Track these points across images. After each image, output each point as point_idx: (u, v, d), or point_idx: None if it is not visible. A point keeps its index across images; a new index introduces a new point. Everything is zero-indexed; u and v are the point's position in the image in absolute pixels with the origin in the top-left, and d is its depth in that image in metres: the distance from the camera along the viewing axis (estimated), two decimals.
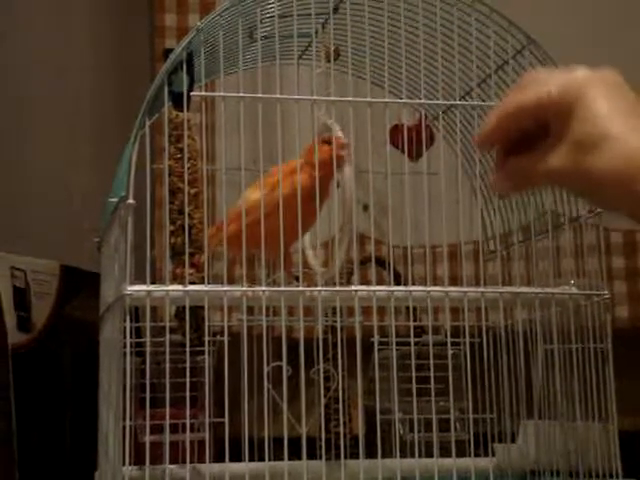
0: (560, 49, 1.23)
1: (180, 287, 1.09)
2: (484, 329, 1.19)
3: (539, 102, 0.59)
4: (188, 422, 1.08)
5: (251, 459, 1.11)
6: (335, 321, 1.33)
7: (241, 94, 1.12)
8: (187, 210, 1.17)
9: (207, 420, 1.15)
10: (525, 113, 0.60)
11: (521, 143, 0.61)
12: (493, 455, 1.25)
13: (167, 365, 1.06)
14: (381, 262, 1.52)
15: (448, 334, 1.19)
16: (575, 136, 0.57)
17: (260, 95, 1.12)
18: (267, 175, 1.15)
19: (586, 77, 0.59)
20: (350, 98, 1.15)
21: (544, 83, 0.59)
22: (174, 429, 1.11)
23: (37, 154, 1.72)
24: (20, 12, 1.70)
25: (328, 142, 1.15)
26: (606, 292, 1.19)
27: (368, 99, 1.15)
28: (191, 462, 1.10)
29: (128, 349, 1.05)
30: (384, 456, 1.10)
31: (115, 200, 1.09)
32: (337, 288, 1.13)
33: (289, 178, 1.12)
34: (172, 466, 1.08)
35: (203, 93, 1.14)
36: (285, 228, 1.08)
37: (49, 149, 1.75)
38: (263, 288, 1.10)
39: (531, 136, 0.61)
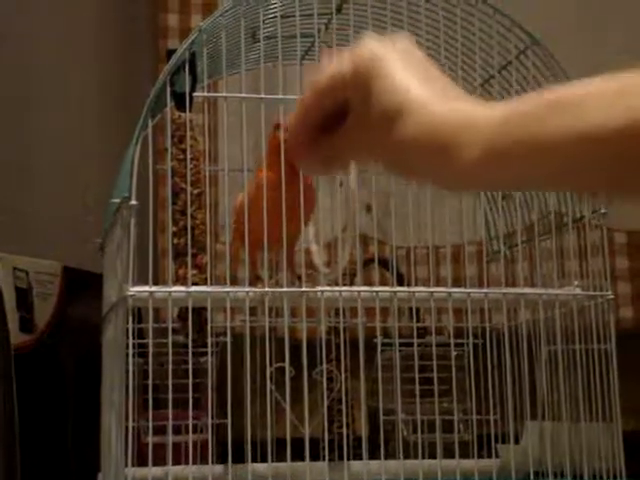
0: (562, 49, 1.23)
1: (183, 288, 1.09)
2: (487, 330, 1.19)
3: (335, 83, 0.57)
4: (191, 423, 1.08)
5: (254, 460, 1.11)
6: (338, 322, 1.33)
7: (243, 95, 1.11)
8: (190, 211, 1.16)
9: (210, 421, 1.15)
10: (323, 97, 0.58)
11: (321, 125, 0.60)
12: (497, 456, 1.25)
13: (170, 366, 1.06)
14: (384, 263, 1.52)
15: (451, 335, 1.19)
16: (377, 109, 0.55)
17: (263, 96, 1.11)
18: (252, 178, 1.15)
19: (377, 49, 0.57)
20: None
21: (337, 64, 0.58)
22: (177, 430, 1.10)
23: (40, 155, 1.72)
24: (24, 12, 1.70)
25: (277, 127, 1.13)
26: (610, 293, 1.19)
27: None
28: (194, 463, 1.10)
29: (131, 350, 1.04)
30: (387, 457, 1.10)
31: (117, 201, 1.09)
32: (340, 289, 1.12)
33: (260, 174, 1.11)
34: (175, 467, 1.07)
35: (206, 94, 1.14)
36: (267, 224, 1.07)
37: (52, 150, 1.75)
38: (266, 289, 1.10)
39: (332, 115, 0.59)
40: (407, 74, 0.56)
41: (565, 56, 1.21)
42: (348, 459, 1.11)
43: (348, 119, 0.58)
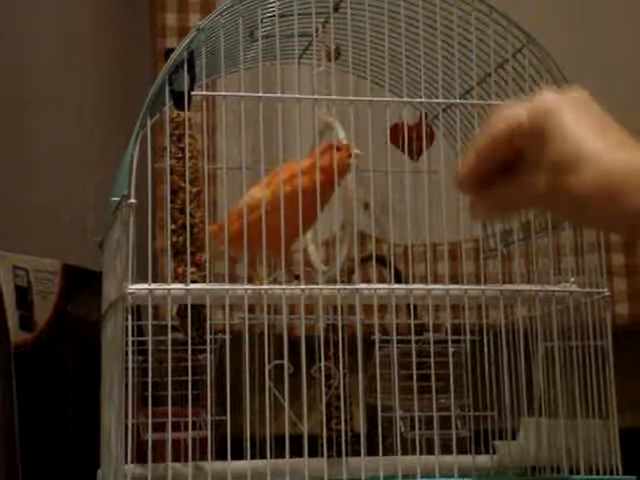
0: (560, 47, 1.24)
1: (182, 286, 1.10)
2: (485, 327, 1.20)
3: (511, 130, 0.60)
4: (190, 420, 1.09)
5: (253, 457, 1.12)
6: (336, 319, 1.33)
7: (242, 93, 1.12)
8: (188, 209, 1.17)
9: (209, 418, 1.15)
10: (499, 144, 0.60)
11: (494, 172, 0.62)
12: (494, 452, 1.25)
13: (169, 363, 1.07)
14: (382, 260, 1.52)
15: (449, 332, 1.19)
16: (552, 158, 0.58)
17: (261, 94, 1.12)
18: (272, 174, 1.16)
19: (554, 99, 0.59)
20: (351, 97, 1.16)
21: (514, 112, 0.60)
22: (176, 427, 1.11)
23: (39, 154, 1.72)
24: (21, 11, 1.70)
25: (336, 148, 1.15)
26: (606, 289, 1.19)
27: (368, 98, 1.16)
28: (193, 460, 1.10)
29: (130, 348, 1.05)
30: (385, 453, 1.10)
31: (117, 199, 1.09)
32: (338, 286, 1.13)
33: (293, 179, 1.12)
34: (174, 464, 1.08)
35: (204, 92, 1.15)
36: (285, 226, 1.08)
37: (51, 149, 1.75)
38: (265, 286, 1.10)
39: (505, 165, 0.61)
40: (583, 124, 0.58)
41: (561, 54, 1.21)
42: (346, 455, 1.12)
43: (521, 168, 0.60)
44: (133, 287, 1.06)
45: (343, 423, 1.40)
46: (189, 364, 1.08)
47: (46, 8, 1.77)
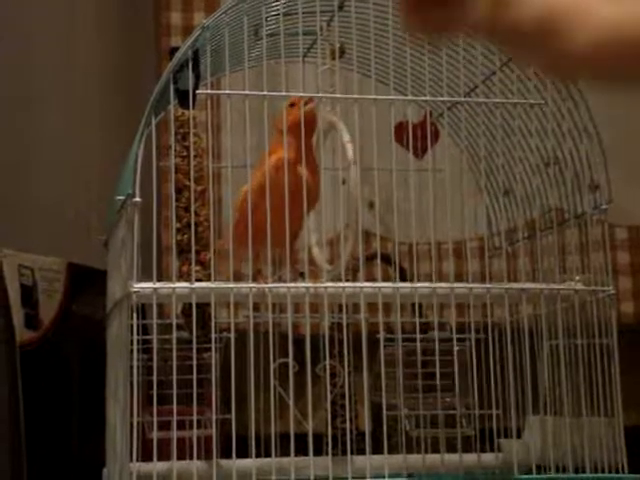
0: None
1: (186, 284, 1.10)
2: (490, 325, 1.20)
3: None
4: (195, 419, 1.09)
5: (258, 455, 1.12)
6: (341, 318, 1.33)
7: (246, 92, 1.12)
8: (193, 208, 1.17)
9: (214, 416, 1.15)
10: None
11: None
12: (499, 451, 1.25)
13: (174, 362, 1.07)
14: (387, 258, 1.52)
15: (454, 330, 1.19)
16: None
17: (265, 93, 1.12)
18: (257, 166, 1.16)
19: None
20: (355, 95, 1.15)
21: None
22: (181, 426, 1.11)
23: (44, 153, 1.72)
24: (25, 10, 1.70)
25: (292, 104, 1.15)
26: (611, 288, 1.19)
27: (373, 96, 1.15)
28: (198, 458, 1.10)
29: (135, 346, 1.05)
30: (390, 452, 1.10)
31: (122, 198, 1.09)
32: (343, 285, 1.13)
33: (267, 160, 1.12)
34: (179, 462, 1.08)
35: (209, 91, 1.15)
36: (277, 209, 1.08)
37: (56, 148, 1.76)
38: (269, 285, 1.10)
39: None
40: None
41: None
42: (351, 454, 1.12)
43: None
44: (138, 286, 1.06)
45: (348, 421, 1.40)
46: (194, 363, 1.08)
47: (50, 7, 1.77)
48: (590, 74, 0.56)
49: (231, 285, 1.10)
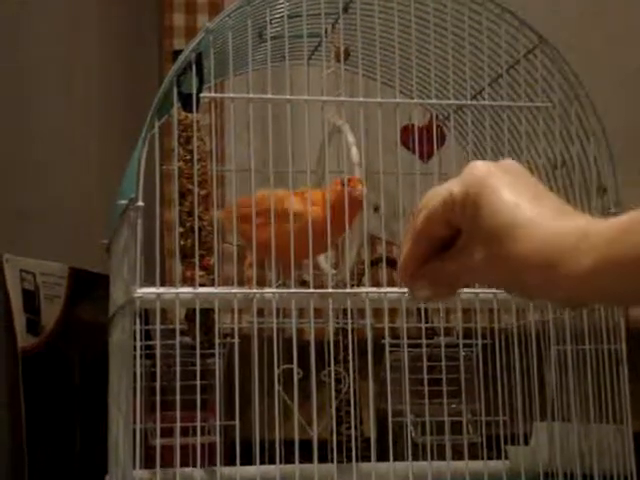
0: (572, 48, 1.23)
1: (190, 289, 1.09)
2: (496, 330, 1.19)
3: (444, 206, 0.58)
4: (199, 425, 1.08)
5: (262, 462, 1.11)
6: (346, 323, 1.32)
7: (250, 95, 1.11)
8: (197, 212, 1.16)
9: (217, 423, 1.14)
10: (435, 222, 0.58)
11: (432, 252, 0.60)
12: (506, 457, 1.24)
13: (177, 368, 1.06)
14: (392, 263, 1.51)
15: (460, 336, 1.18)
16: (486, 227, 0.56)
17: (269, 96, 1.11)
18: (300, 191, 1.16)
19: (484, 170, 0.57)
20: (360, 99, 1.14)
21: (445, 187, 0.58)
22: (185, 432, 1.10)
23: (46, 156, 1.72)
24: (29, 12, 1.70)
25: (343, 184, 1.14)
26: None
27: (379, 99, 1.14)
28: (201, 465, 1.09)
29: (138, 352, 1.04)
30: (396, 459, 1.10)
31: (124, 202, 1.08)
32: (348, 290, 1.12)
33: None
34: (182, 469, 1.07)
35: (212, 94, 1.14)
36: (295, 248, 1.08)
37: (57, 152, 1.75)
38: (273, 290, 1.09)
39: (441, 242, 0.60)
40: (515, 191, 0.56)
41: (573, 55, 1.20)
42: (356, 461, 1.11)
43: (459, 241, 0.58)
44: (141, 291, 1.05)
45: (353, 428, 1.39)
46: (197, 368, 1.07)
47: (52, 8, 1.77)
48: (590, 298, 0.56)
49: (235, 290, 1.09)
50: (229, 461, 1.12)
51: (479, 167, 0.58)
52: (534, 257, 0.54)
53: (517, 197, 0.56)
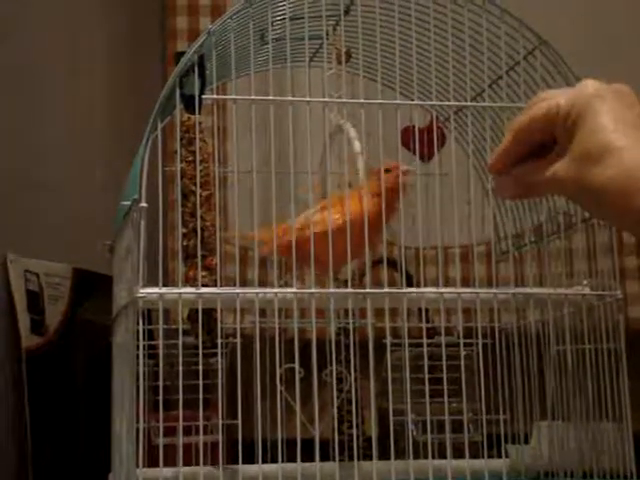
0: (572, 49, 1.23)
1: (193, 289, 1.10)
2: (497, 330, 1.19)
3: (548, 114, 0.59)
4: (201, 424, 1.09)
5: (264, 461, 1.11)
6: (347, 323, 1.33)
7: (252, 97, 1.12)
8: (199, 213, 1.17)
9: (220, 422, 1.15)
10: (536, 126, 0.60)
11: (528, 154, 0.62)
12: (506, 456, 1.25)
13: (180, 367, 1.06)
14: (393, 263, 1.52)
15: (461, 335, 1.19)
16: (580, 147, 0.57)
17: (271, 98, 1.12)
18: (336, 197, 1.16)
19: (594, 89, 0.59)
20: (361, 100, 1.15)
21: (553, 97, 0.60)
22: (187, 431, 1.11)
23: (49, 157, 1.72)
24: (33, 14, 1.71)
25: (388, 170, 1.15)
26: (619, 292, 1.19)
27: (379, 101, 1.15)
28: (204, 464, 1.10)
29: (141, 352, 1.05)
30: (397, 457, 1.10)
31: (127, 203, 1.09)
32: (349, 290, 1.13)
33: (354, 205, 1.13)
34: (185, 468, 1.08)
35: (215, 96, 1.15)
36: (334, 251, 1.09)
37: (61, 153, 1.76)
38: (275, 290, 1.10)
39: (539, 147, 0.61)
40: (616, 116, 0.57)
41: (573, 56, 1.21)
42: (358, 459, 1.11)
43: (553, 152, 0.60)
44: (144, 291, 1.05)
45: (355, 427, 1.39)
46: (200, 368, 1.08)
47: (55, 9, 1.77)
48: None
49: (237, 290, 1.09)
50: (231, 460, 1.12)
51: (589, 86, 0.59)
52: (615, 183, 0.55)
53: (616, 123, 0.57)
